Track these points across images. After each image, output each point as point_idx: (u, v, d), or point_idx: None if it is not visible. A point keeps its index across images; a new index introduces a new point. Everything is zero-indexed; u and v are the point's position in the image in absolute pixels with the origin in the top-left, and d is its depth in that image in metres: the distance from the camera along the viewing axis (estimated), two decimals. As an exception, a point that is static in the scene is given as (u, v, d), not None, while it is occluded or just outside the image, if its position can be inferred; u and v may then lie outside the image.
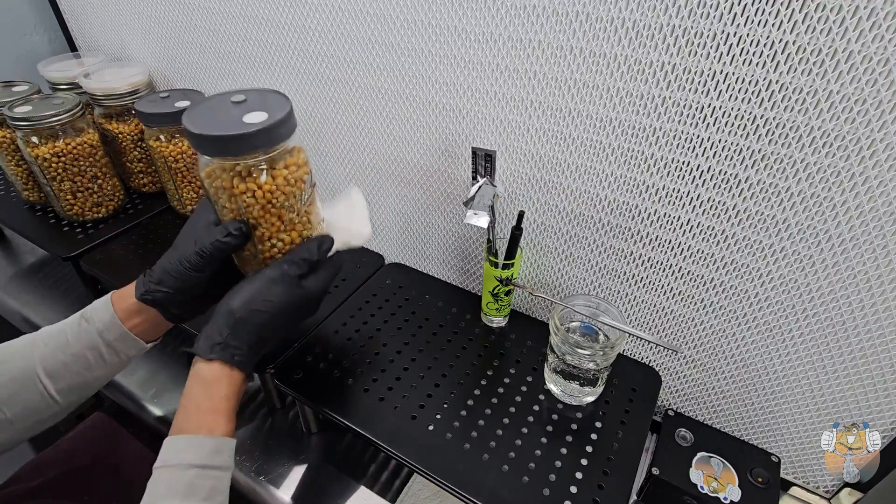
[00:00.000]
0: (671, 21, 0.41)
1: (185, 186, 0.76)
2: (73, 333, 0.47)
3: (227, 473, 0.41)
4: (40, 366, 0.45)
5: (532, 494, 0.46)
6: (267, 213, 0.45)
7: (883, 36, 0.35)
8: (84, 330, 0.47)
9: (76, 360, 0.46)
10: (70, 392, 0.47)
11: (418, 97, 0.57)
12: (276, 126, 0.42)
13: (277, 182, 0.44)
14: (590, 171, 0.51)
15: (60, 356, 0.46)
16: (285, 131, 0.43)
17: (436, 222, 0.67)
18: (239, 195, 0.43)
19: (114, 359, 0.48)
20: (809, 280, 0.46)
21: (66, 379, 0.46)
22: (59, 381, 0.46)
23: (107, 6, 0.82)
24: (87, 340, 0.47)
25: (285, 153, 0.45)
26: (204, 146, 0.42)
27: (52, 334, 0.47)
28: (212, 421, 0.41)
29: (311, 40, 0.62)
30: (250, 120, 0.42)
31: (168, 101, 0.72)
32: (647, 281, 0.55)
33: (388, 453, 0.50)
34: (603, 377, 0.53)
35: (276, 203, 0.45)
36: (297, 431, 0.62)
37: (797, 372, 0.51)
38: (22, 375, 0.45)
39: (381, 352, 0.59)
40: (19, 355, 0.46)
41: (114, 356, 0.48)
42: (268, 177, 0.44)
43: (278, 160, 0.44)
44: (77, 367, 0.46)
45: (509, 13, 0.47)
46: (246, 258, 0.50)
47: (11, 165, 0.78)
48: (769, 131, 0.41)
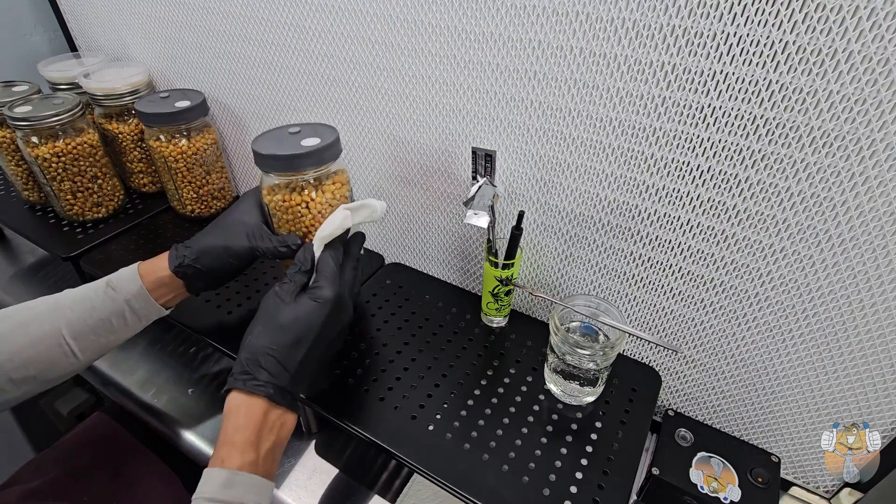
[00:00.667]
0: (671, 21, 0.41)
1: (185, 186, 0.76)
2: (100, 300, 0.50)
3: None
4: (66, 329, 0.49)
5: (532, 494, 0.46)
6: (317, 223, 0.53)
7: (883, 36, 0.35)
8: (111, 297, 0.51)
9: (102, 324, 0.50)
10: (92, 351, 0.51)
11: (418, 97, 0.57)
12: (326, 148, 0.51)
13: (326, 196, 0.53)
14: (590, 171, 0.51)
15: (87, 320, 0.50)
16: (333, 153, 0.53)
17: (436, 222, 0.67)
18: (294, 207, 0.52)
19: (136, 323, 0.53)
20: (809, 280, 0.46)
21: (90, 340, 0.50)
22: (83, 341, 0.50)
23: (107, 6, 0.82)
24: (114, 308, 0.51)
25: (332, 173, 0.54)
26: (269, 164, 0.51)
27: (77, 300, 0.50)
28: (223, 453, 0.40)
29: (311, 40, 0.62)
30: (306, 144, 0.51)
31: (168, 101, 0.72)
32: (647, 281, 0.55)
33: (388, 453, 0.50)
34: (603, 377, 0.53)
35: (324, 214, 0.53)
36: (297, 431, 0.62)
37: (797, 372, 0.51)
38: (48, 337, 0.48)
39: (381, 352, 0.59)
40: (45, 318, 0.49)
41: (136, 321, 0.52)
42: (318, 192, 0.52)
43: (325, 179, 0.53)
44: (101, 330, 0.50)
45: (509, 13, 0.47)
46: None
47: (11, 165, 0.78)
48: (769, 131, 0.41)
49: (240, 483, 0.39)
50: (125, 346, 0.54)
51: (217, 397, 0.66)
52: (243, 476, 0.39)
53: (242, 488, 0.39)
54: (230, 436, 0.40)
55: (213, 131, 0.76)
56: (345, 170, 0.56)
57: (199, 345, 0.73)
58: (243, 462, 0.39)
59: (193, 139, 0.73)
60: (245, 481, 0.39)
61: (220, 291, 0.66)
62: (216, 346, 0.60)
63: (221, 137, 0.82)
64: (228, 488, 0.38)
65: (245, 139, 0.80)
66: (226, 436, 0.41)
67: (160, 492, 0.64)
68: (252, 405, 0.41)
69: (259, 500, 0.39)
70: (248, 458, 0.40)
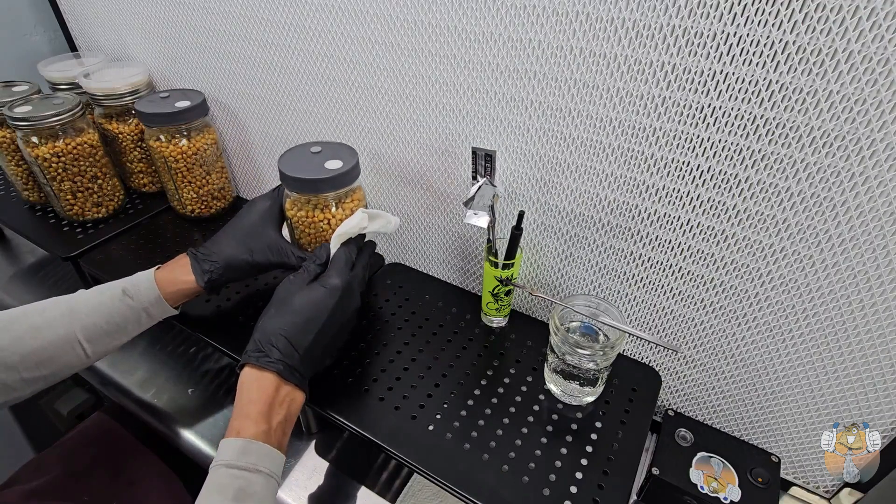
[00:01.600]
0: (671, 21, 0.41)
1: (185, 186, 0.76)
2: (116, 308, 0.52)
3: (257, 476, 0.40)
4: (81, 333, 0.50)
5: (532, 494, 0.46)
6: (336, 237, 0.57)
7: (883, 36, 0.35)
8: (128, 305, 0.52)
9: (117, 328, 0.52)
10: (105, 351, 0.52)
11: (418, 97, 0.57)
12: (348, 172, 0.56)
13: (346, 213, 0.58)
14: (590, 171, 0.51)
15: (103, 326, 0.51)
16: (354, 175, 0.57)
17: (436, 222, 0.67)
18: (316, 222, 0.57)
19: (149, 324, 0.55)
20: (809, 280, 0.46)
21: (104, 343, 0.52)
22: (97, 344, 0.51)
23: (107, 6, 0.82)
24: (131, 315, 0.52)
25: (351, 191, 0.59)
26: (296, 186, 0.56)
27: (92, 306, 0.52)
28: (238, 424, 0.43)
29: (311, 40, 0.62)
30: (330, 167, 0.56)
31: (168, 101, 0.72)
32: (647, 281, 0.55)
33: (388, 453, 0.50)
34: (603, 377, 0.53)
35: None
36: (297, 431, 0.62)
37: (797, 372, 0.51)
38: (62, 341, 0.49)
39: (381, 352, 0.59)
40: (59, 323, 0.50)
41: (150, 322, 0.54)
42: (338, 209, 0.58)
43: (345, 197, 0.58)
44: (115, 333, 0.52)
45: (509, 13, 0.47)
46: None
47: (11, 165, 0.78)
48: (769, 131, 0.41)
49: (254, 451, 0.41)
50: (125, 346, 0.54)
51: (217, 397, 0.66)
52: (257, 445, 0.41)
53: (256, 456, 0.41)
54: (244, 408, 0.43)
55: (213, 131, 0.76)
56: (361, 187, 0.61)
57: (199, 344, 0.73)
58: (257, 431, 0.42)
59: (193, 139, 0.73)
60: (259, 450, 0.41)
61: (220, 291, 0.66)
62: (216, 345, 0.60)
63: (221, 137, 0.82)
64: (244, 455, 0.41)
65: (245, 139, 0.80)
66: (240, 408, 0.43)
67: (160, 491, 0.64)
68: (263, 379, 0.44)
69: (272, 468, 0.42)
70: (261, 428, 0.42)
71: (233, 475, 0.39)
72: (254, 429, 0.42)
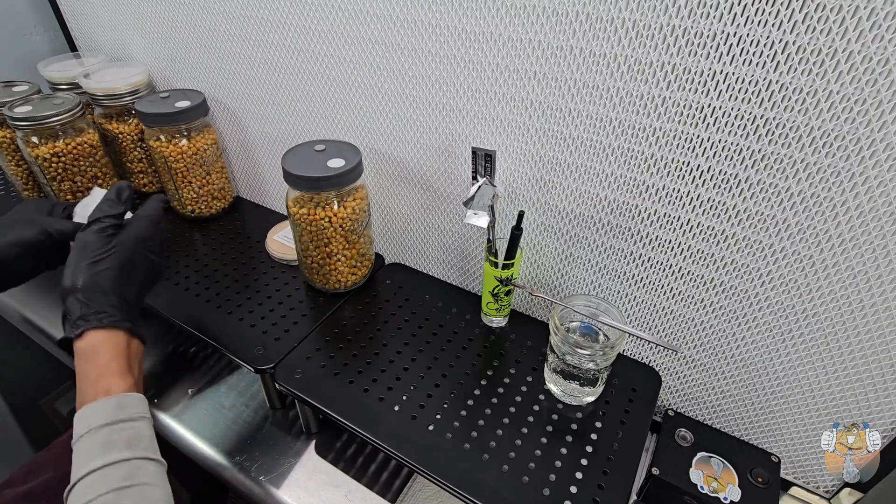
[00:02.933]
0: (671, 21, 0.41)
1: (185, 186, 0.76)
2: None
3: (142, 422, 0.42)
4: None
5: (532, 494, 0.46)
6: (337, 235, 0.60)
7: (883, 36, 0.35)
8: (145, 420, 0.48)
9: None
10: None
11: (418, 97, 0.57)
12: (350, 170, 0.57)
13: (347, 211, 0.59)
14: (590, 171, 0.51)
15: None
16: (356, 174, 0.58)
17: (436, 222, 0.67)
18: (318, 220, 0.58)
19: None
20: (809, 280, 0.46)
21: None
22: None
23: (107, 6, 0.82)
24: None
25: (353, 189, 0.60)
26: (299, 183, 0.57)
27: None
28: (106, 384, 0.43)
29: (311, 40, 0.62)
30: (332, 165, 0.57)
31: (168, 101, 0.72)
32: (647, 281, 0.55)
33: (388, 453, 0.50)
34: (603, 377, 0.53)
35: (345, 227, 0.60)
36: (297, 431, 0.62)
37: (797, 372, 0.51)
38: None
39: (381, 352, 0.59)
40: None
41: None
42: (339, 207, 0.59)
43: (347, 195, 0.59)
44: None
45: (509, 13, 0.47)
46: (314, 268, 0.64)
47: (11, 165, 0.78)
48: (769, 131, 0.41)
49: (131, 403, 0.43)
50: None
51: (218, 396, 0.66)
52: (133, 397, 0.43)
53: (134, 407, 0.43)
54: (105, 368, 0.44)
55: (213, 131, 0.76)
56: (364, 185, 0.61)
57: (199, 345, 0.73)
58: (125, 386, 0.44)
59: (193, 139, 0.73)
60: (134, 401, 0.43)
61: (220, 291, 0.67)
62: (216, 345, 0.60)
63: (221, 137, 0.82)
64: (124, 409, 0.42)
65: (245, 139, 0.80)
66: (98, 371, 0.44)
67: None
68: (114, 337, 0.46)
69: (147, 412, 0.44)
70: (129, 383, 0.44)
71: (118, 429, 0.40)
72: (123, 384, 0.43)
